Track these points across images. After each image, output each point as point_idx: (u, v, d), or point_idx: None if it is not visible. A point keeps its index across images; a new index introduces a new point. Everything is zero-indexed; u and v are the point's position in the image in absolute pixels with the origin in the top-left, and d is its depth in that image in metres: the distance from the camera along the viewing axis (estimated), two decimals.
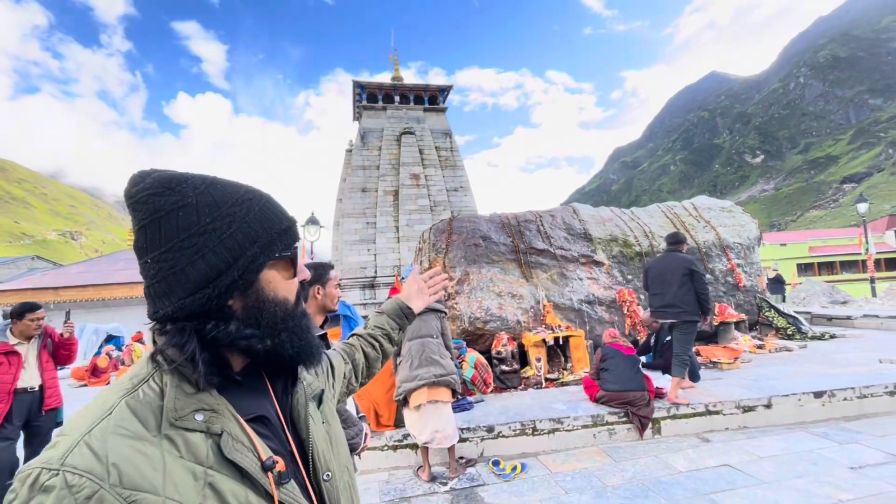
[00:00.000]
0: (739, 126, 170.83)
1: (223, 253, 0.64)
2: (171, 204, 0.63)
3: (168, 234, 0.62)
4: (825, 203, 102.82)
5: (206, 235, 0.63)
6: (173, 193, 0.63)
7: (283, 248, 0.71)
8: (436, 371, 3.37)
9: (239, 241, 0.65)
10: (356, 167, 21.21)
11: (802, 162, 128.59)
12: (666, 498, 3.01)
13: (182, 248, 0.62)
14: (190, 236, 0.63)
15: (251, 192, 0.70)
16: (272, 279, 0.70)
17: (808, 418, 4.26)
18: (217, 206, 0.65)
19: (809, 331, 8.06)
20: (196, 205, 0.64)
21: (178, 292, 0.62)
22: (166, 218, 0.63)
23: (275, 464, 0.63)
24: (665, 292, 4.56)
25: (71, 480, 0.50)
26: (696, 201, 9.69)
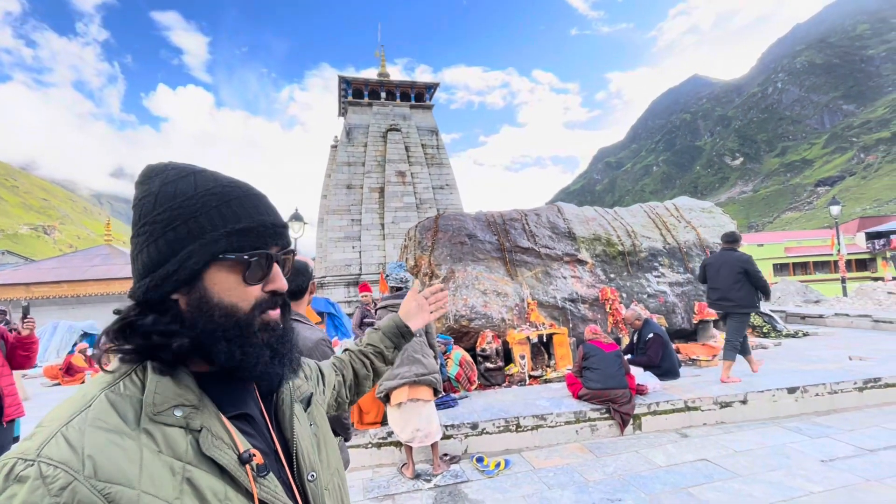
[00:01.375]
0: (720, 129, 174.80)
1: (163, 245, 0.63)
2: (142, 193, 0.67)
3: (135, 220, 0.66)
4: (800, 205, 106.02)
5: (154, 226, 0.64)
6: (146, 183, 0.67)
7: (229, 250, 0.64)
8: (417, 370, 3.37)
9: (180, 235, 0.63)
10: (341, 163, 21.02)
11: (779, 165, 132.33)
12: (645, 492, 3.08)
13: (139, 234, 0.65)
14: (144, 224, 0.65)
15: (219, 187, 0.66)
16: (220, 281, 0.65)
17: (781, 413, 4.40)
18: (172, 199, 0.64)
19: (784, 329, 8.31)
20: (156, 195, 0.65)
21: (135, 277, 0.66)
22: (137, 206, 0.67)
23: (252, 457, 0.62)
24: (721, 286, 5.07)
25: (45, 471, 0.49)
26: (677, 202, 9.87)
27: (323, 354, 1.75)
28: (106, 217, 63.69)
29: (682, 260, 8.35)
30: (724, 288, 5.05)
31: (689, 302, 8.11)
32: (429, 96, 24.22)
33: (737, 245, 5.27)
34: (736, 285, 4.95)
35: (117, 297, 17.14)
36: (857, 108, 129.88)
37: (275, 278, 0.70)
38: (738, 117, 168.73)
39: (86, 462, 0.51)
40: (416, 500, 3.20)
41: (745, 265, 4.95)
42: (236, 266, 0.65)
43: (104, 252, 19.28)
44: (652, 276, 8.14)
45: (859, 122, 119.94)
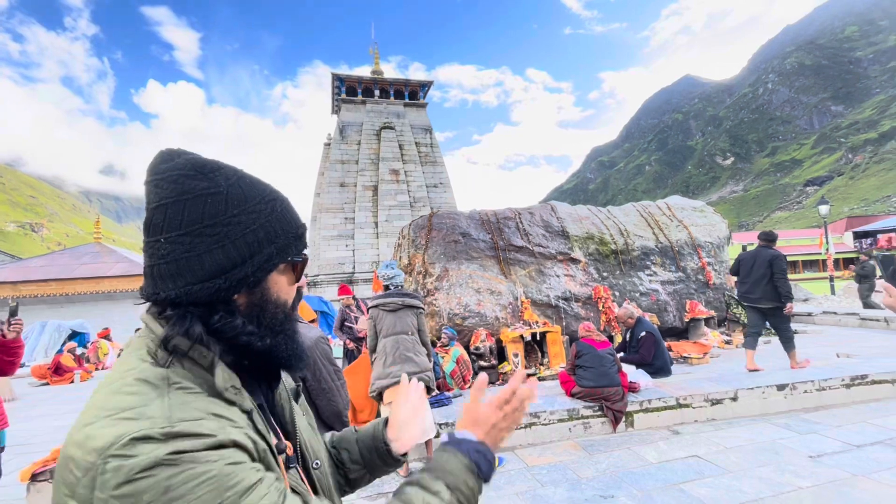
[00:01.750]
0: (711, 129, 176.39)
1: (243, 247, 0.64)
2: (202, 189, 0.63)
3: (192, 217, 0.62)
4: (789, 205, 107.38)
5: (231, 227, 0.63)
6: (205, 179, 0.64)
7: (296, 253, 0.71)
8: (409, 368, 3.37)
9: (259, 238, 0.65)
10: (334, 161, 20.92)
11: (769, 165, 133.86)
12: (638, 489, 3.10)
13: (203, 234, 0.62)
14: (214, 224, 0.63)
15: (275, 193, 0.71)
16: (278, 281, 0.70)
17: (771, 410, 4.46)
18: (245, 201, 0.65)
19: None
20: (226, 195, 0.64)
21: (187, 277, 0.62)
22: (193, 201, 0.62)
23: (285, 448, 0.67)
24: (749, 280, 5.39)
25: (201, 423, 0.53)
26: (669, 201, 9.95)
27: (323, 352, 1.75)
28: (95, 214, 63.46)
29: (673, 259, 8.42)
30: (751, 282, 5.35)
31: (680, 300, 8.19)
32: (423, 94, 24.17)
33: (773, 243, 5.51)
34: (762, 280, 5.24)
35: (106, 296, 16.92)
36: (846, 109, 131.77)
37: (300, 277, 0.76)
38: (730, 117, 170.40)
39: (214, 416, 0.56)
40: None
41: (772, 262, 5.20)
42: (290, 267, 0.72)
43: (93, 250, 19.02)
44: (644, 275, 8.21)
45: (847, 123, 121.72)
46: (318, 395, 1.71)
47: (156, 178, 0.63)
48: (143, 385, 0.57)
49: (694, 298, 8.27)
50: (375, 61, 24.70)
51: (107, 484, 0.48)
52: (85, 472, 0.50)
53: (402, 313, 3.50)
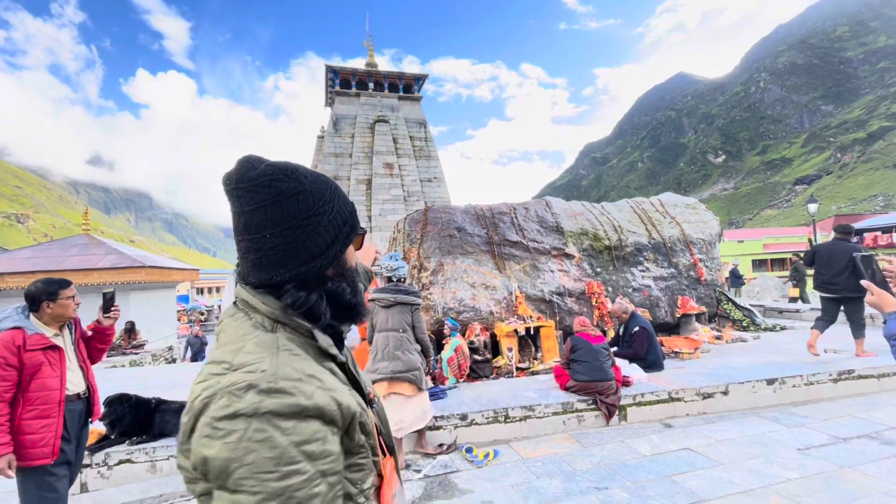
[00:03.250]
0: (704, 126, 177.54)
1: (331, 230, 0.79)
2: (292, 189, 0.76)
3: (290, 213, 0.75)
4: (779, 203, 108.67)
5: (320, 216, 0.78)
6: (292, 181, 0.76)
7: (359, 227, 0.87)
8: (394, 367, 3.40)
9: (338, 221, 0.81)
10: (328, 154, 20.77)
11: (760, 163, 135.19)
12: (631, 480, 3.15)
13: (303, 225, 0.76)
14: (309, 216, 0.76)
15: (332, 181, 0.84)
16: (350, 251, 0.85)
17: (760, 404, 4.54)
18: (322, 193, 0.79)
19: (763, 323, 8.54)
20: (310, 191, 0.77)
21: (295, 262, 0.76)
22: (288, 200, 0.75)
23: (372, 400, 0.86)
24: (828, 272, 5.64)
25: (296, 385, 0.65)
26: (662, 198, 10.02)
27: None
28: (82, 206, 61.53)
29: (666, 255, 8.50)
30: (831, 273, 5.60)
31: (672, 296, 8.27)
32: (417, 88, 24.02)
33: (850, 236, 5.82)
34: (844, 272, 5.46)
35: (96, 288, 16.69)
36: (836, 109, 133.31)
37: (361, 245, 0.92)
38: (722, 115, 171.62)
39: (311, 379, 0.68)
40: (407, 489, 3.22)
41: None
42: (358, 238, 0.87)
43: (82, 241, 18.71)
44: (637, 271, 8.28)
45: (837, 123, 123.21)
46: None
47: (249, 185, 0.74)
48: (260, 348, 0.70)
49: (685, 294, 8.36)
50: (370, 54, 24.48)
51: (214, 413, 0.61)
52: (203, 402, 0.63)
53: (394, 310, 3.50)
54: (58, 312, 2.48)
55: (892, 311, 1.57)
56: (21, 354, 2.29)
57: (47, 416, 2.32)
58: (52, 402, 2.35)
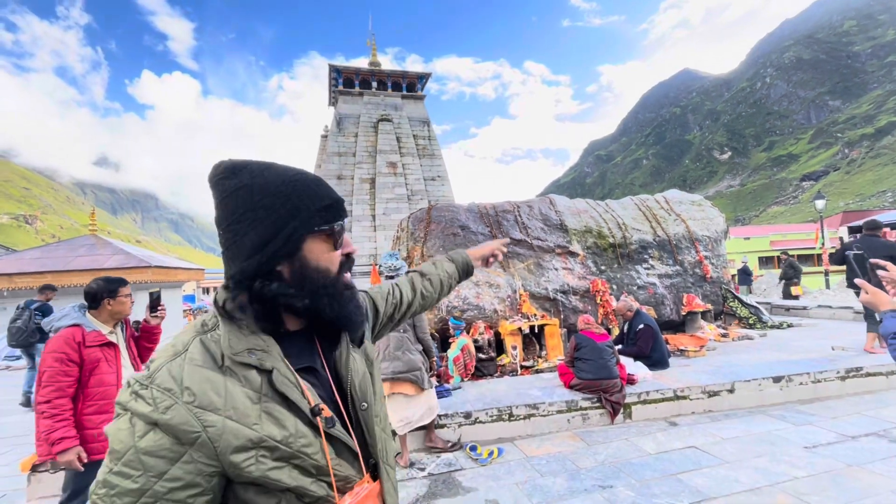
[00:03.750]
0: (709, 123, 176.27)
1: (269, 225, 0.76)
2: (234, 186, 0.76)
3: (231, 210, 0.76)
4: (786, 199, 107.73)
5: (258, 211, 0.76)
6: (235, 177, 0.77)
7: (322, 223, 0.80)
8: (395, 367, 3.44)
9: (282, 215, 0.77)
10: (331, 153, 20.80)
11: (766, 159, 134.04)
12: (636, 479, 3.14)
13: (242, 220, 0.75)
14: (247, 211, 0.75)
15: (299, 175, 0.81)
16: (314, 250, 0.80)
17: (767, 402, 4.51)
18: (267, 187, 0.77)
19: (769, 320, 8.48)
20: (251, 186, 0.76)
21: (241, 257, 0.76)
22: (231, 197, 0.76)
23: (321, 410, 0.75)
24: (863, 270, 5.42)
25: (155, 394, 0.66)
26: (667, 195, 9.96)
27: None
28: (89, 206, 61.84)
29: (671, 252, 8.45)
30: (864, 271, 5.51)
31: (677, 294, 8.23)
32: (420, 86, 24.00)
33: (878, 231, 5.82)
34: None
35: None
36: (843, 104, 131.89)
37: (347, 243, 0.86)
38: (727, 111, 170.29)
39: (184, 391, 0.67)
40: (411, 487, 3.23)
41: (893, 251, 5.33)
42: (326, 236, 0.82)
43: (89, 242, 18.87)
44: (642, 268, 8.24)
45: (844, 118, 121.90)
46: None
47: (210, 185, 0.78)
48: (170, 348, 0.73)
49: (691, 292, 8.31)
50: (373, 53, 24.49)
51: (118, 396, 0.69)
52: None
53: None
54: (116, 310, 2.58)
55: (888, 309, 1.57)
56: (81, 351, 2.35)
57: (106, 411, 2.38)
58: (110, 398, 2.39)
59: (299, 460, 0.71)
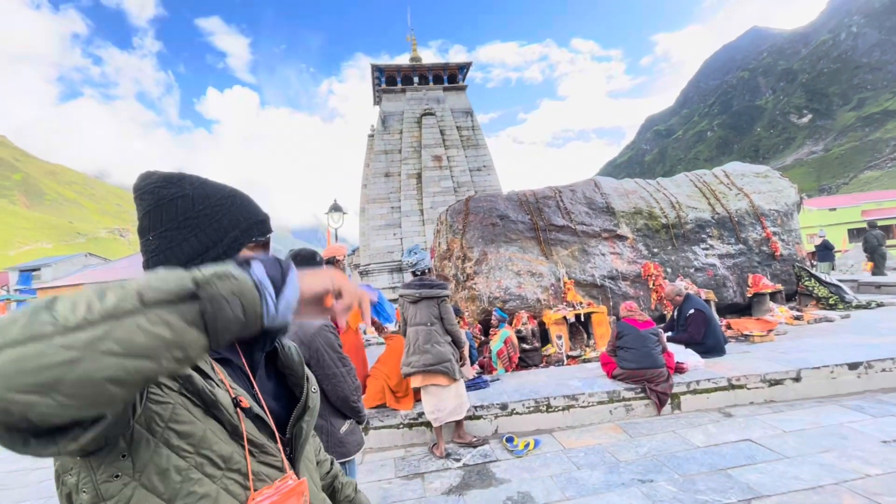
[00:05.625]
0: (784, 84, 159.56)
1: (211, 233, 0.79)
2: (172, 194, 0.79)
3: (169, 217, 0.78)
4: (882, 163, 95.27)
5: (199, 219, 0.79)
6: (174, 186, 0.80)
7: (259, 234, 0.86)
8: (425, 360, 3.47)
9: (224, 225, 0.81)
10: (378, 152, 21.27)
11: (855, 119, 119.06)
12: (679, 472, 2.96)
13: (180, 227, 0.77)
14: (186, 219, 0.78)
15: (234, 190, 0.86)
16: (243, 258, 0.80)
17: (841, 391, 4.05)
18: (208, 198, 0.81)
19: (854, 300, 7.60)
20: (192, 196, 0.80)
21: (174, 263, 0.76)
22: (168, 205, 0.78)
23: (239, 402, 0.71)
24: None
25: None
26: (727, 168, 9.21)
27: (325, 340, 1.80)
28: None
29: (733, 230, 7.81)
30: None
31: (741, 274, 7.60)
32: (462, 77, 23.84)
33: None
34: None
35: None
36: None
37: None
38: (805, 70, 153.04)
39: None
40: (445, 478, 3.27)
41: None
42: (258, 247, 0.86)
43: None
44: (700, 249, 7.69)
45: None
46: (323, 380, 1.78)
47: (139, 193, 0.79)
48: None
49: (757, 272, 7.64)
50: (413, 48, 24.63)
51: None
52: None
53: (421, 304, 3.55)
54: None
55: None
56: None
57: None
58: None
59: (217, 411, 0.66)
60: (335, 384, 1.79)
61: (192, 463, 0.62)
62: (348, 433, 1.87)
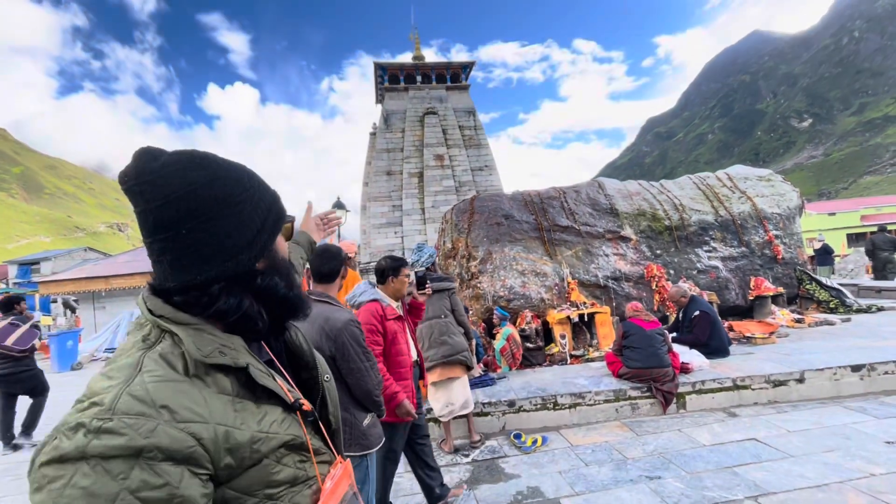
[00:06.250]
0: (785, 88, 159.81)
1: (255, 219, 0.71)
2: (204, 178, 0.66)
3: (205, 204, 0.66)
4: (881, 168, 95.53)
5: (241, 205, 0.70)
6: (202, 168, 0.67)
7: (287, 215, 0.82)
8: (444, 352, 3.49)
9: (262, 209, 0.73)
10: (380, 150, 21.29)
11: (856, 124, 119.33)
12: (687, 470, 3.01)
13: (221, 216, 0.67)
14: (228, 206, 0.68)
15: (252, 172, 0.75)
16: (280, 241, 0.79)
17: (844, 393, 4.10)
18: (240, 181, 0.71)
19: (854, 303, 7.66)
20: (226, 179, 0.69)
21: (220, 257, 0.67)
22: (202, 190, 0.66)
23: (301, 405, 0.74)
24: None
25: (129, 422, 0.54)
26: (730, 171, 9.25)
27: (351, 334, 1.83)
28: None
29: (735, 233, 7.86)
30: None
31: (743, 277, 7.65)
32: (465, 76, 23.86)
33: None
34: None
35: None
36: None
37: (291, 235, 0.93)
38: (807, 74, 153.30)
39: (161, 410, 0.57)
40: (454, 473, 3.31)
41: None
42: (288, 227, 0.84)
43: None
44: (702, 251, 7.74)
45: None
46: (347, 374, 1.82)
47: (153, 178, 0.64)
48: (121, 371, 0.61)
49: (759, 275, 7.70)
50: (416, 47, 24.64)
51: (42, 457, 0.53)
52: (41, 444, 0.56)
53: (433, 298, 3.58)
54: (397, 287, 2.72)
55: None
56: (384, 323, 2.51)
57: (406, 378, 2.56)
58: (406, 367, 2.59)
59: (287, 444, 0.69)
60: (358, 378, 1.83)
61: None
62: (371, 426, 1.91)
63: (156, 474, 0.53)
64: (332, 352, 1.80)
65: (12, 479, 3.91)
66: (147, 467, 0.53)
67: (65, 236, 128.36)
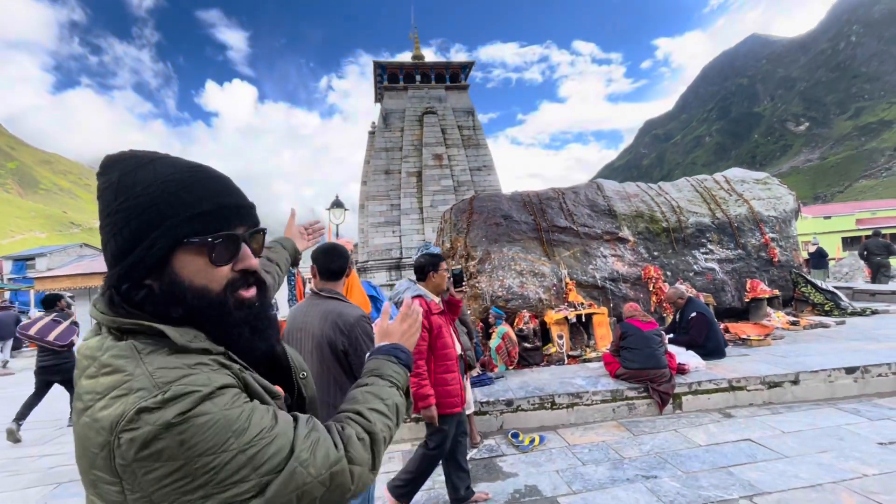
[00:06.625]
0: (782, 92, 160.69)
1: (127, 234, 0.64)
2: (102, 184, 0.67)
3: (100, 211, 0.67)
4: (877, 172, 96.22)
5: (117, 216, 0.65)
6: (104, 174, 0.67)
7: (194, 234, 0.66)
8: None
9: (143, 223, 0.64)
10: (379, 149, 21.28)
11: (852, 128, 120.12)
12: (683, 470, 3.04)
13: (105, 225, 0.66)
14: (109, 215, 0.65)
15: (178, 173, 0.67)
16: (187, 265, 0.66)
17: (838, 394, 4.15)
18: (132, 188, 0.65)
19: (849, 306, 7.72)
20: (116, 186, 0.65)
21: (108, 266, 0.68)
22: (100, 196, 0.67)
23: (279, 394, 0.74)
24: None
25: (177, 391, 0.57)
26: (728, 174, 9.31)
27: (363, 330, 1.84)
28: None
29: (732, 235, 7.92)
30: None
31: (740, 279, 7.71)
32: (464, 76, 23.88)
33: None
34: None
35: None
36: None
37: (244, 258, 0.71)
38: (804, 78, 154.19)
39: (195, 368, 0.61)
40: None
41: None
42: (202, 249, 0.67)
43: None
44: (699, 253, 7.79)
45: None
46: (358, 369, 1.84)
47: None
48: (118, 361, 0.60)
49: (755, 277, 7.75)
50: (415, 46, 24.64)
51: (126, 454, 0.54)
52: (101, 447, 0.56)
53: None
54: (437, 282, 2.76)
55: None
56: (429, 317, 2.58)
57: (452, 370, 2.64)
58: (452, 359, 2.66)
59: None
60: None
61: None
62: None
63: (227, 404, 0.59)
64: (345, 346, 1.82)
65: (9, 475, 3.90)
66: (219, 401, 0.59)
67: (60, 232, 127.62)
